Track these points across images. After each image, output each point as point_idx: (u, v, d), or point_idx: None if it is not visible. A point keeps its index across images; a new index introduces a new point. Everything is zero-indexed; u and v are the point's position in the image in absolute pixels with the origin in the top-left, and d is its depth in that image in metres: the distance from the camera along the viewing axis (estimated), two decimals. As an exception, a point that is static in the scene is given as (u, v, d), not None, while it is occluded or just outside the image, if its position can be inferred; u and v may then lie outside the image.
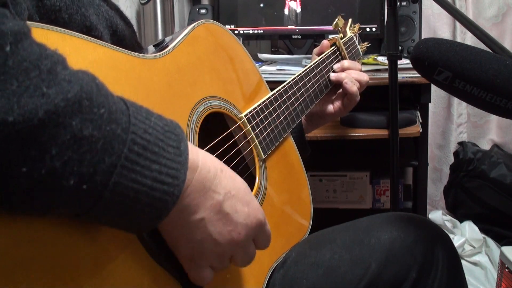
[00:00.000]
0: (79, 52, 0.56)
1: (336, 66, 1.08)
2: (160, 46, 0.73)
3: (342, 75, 1.07)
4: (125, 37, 0.74)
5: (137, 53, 0.65)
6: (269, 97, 0.88)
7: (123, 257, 0.53)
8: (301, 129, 1.10)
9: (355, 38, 1.21)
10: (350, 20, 1.23)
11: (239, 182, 0.59)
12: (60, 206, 0.44)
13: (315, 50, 1.14)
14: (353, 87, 1.05)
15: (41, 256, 0.46)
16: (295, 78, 0.96)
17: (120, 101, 0.47)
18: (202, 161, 0.54)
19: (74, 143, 0.41)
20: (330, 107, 1.10)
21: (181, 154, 0.49)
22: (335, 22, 1.14)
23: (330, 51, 1.10)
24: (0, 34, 0.39)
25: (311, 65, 1.03)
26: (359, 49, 1.23)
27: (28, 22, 0.49)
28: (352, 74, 1.07)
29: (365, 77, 1.09)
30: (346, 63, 1.09)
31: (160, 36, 1.73)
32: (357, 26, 1.25)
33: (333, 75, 1.07)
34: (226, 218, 0.55)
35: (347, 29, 1.20)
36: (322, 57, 1.07)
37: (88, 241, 0.50)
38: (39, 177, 0.40)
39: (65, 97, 0.41)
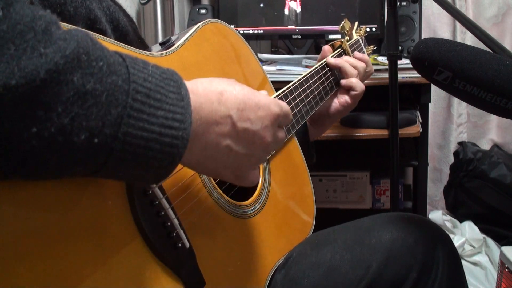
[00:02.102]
0: None
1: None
2: (166, 44, 0.73)
3: (338, 60, 1.07)
4: (128, 32, 0.75)
5: (142, 51, 0.65)
6: (275, 98, 0.88)
7: (125, 253, 0.54)
8: (306, 135, 1.10)
9: (361, 41, 1.21)
10: (356, 23, 1.23)
11: (241, 93, 0.59)
12: (75, 165, 0.44)
13: (320, 56, 1.14)
14: (352, 71, 1.06)
15: (42, 252, 0.46)
16: (300, 79, 0.96)
17: (116, 54, 0.48)
18: (204, 95, 0.55)
19: (78, 99, 0.42)
20: (333, 106, 1.09)
21: (182, 99, 0.50)
22: (341, 25, 1.14)
23: (336, 53, 1.10)
24: None
25: (317, 67, 1.03)
26: (365, 52, 1.23)
27: None
28: (350, 61, 1.08)
29: (360, 63, 1.09)
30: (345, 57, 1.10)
31: (160, 36, 1.73)
32: (363, 29, 1.25)
33: (331, 60, 1.07)
34: (246, 133, 0.58)
35: (353, 31, 1.20)
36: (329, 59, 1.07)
37: (90, 237, 0.50)
38: (50, 136, 0.41)
39: (63, 54, 0.41)
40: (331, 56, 1.08)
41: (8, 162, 0.41)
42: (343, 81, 1.07)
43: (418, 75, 0.77)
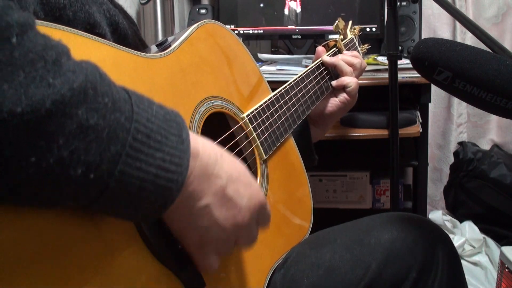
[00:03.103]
0: (83, 50, 0.56)
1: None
2: (163, 45, 0.73)
3: (334, 58, 1.07)
4: (127, 35, 0.75)
5: (140, 52, 0.65)
6: (271, 98, 0.88)
7: (125, 255, 0.54)
8: (309, 137, 1.10)
9: (355, 40, 1.22)
10: (350, 22, 1.23)
11: (239, 165, 0.59)
12: (68, 197, 0.44)
13: (314, 57, 1.14)
14: (347, 68, 1.06)
15: (43, 254, 0.46)
16: (296, 79, 0.96)
17: (122, 90, 0.48)
18: (203, 147, 0.54)
19: (80, 132, 0.42)
20: (331, 106, 1.09)
21: (183, 142, 0.50)
22: (335, 24, 1.14)
23: (331, 52, 1.10)
24: (6, 26, 0.40)
25: (313, 66, 1.03)
26: (360, 50, 1.23)
27: None
28: (346, 58, 1.08)
29: (355, 59, 1.09)
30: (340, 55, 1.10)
31: (160, 36, 1.73)
32: (357, 28, 1.26)
33: (326, 58, 1.07)
34: (230, 202, 0.56)
35: (348, 31, 1.21)
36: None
37: (90, 239, 0.50)
38: (47, 167, 0.41)
39: (71, 87, 0.41)
40: (326, 55, 1.08)
41: (2, 188, 0.41)
42: (333, 83, 1.07)
43: (418, 75, 0.77)
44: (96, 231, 0.51)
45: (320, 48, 1.11)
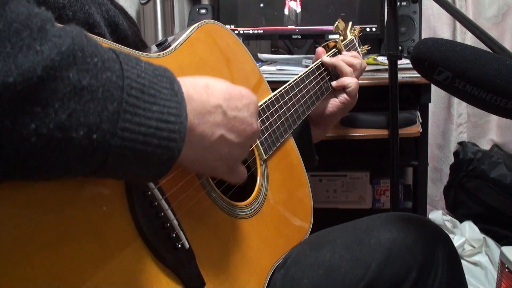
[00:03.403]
0: None
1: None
2: (162, 45, 0.73)
3: (334, 59, 1.07)
4: (127, 36, 0.75)
5: (140, 52, 0.65)
6: (271, 98, 0.88)
7: (124, 254, 0.54)
8: (309, 137, 1.10)
9: (355, 41, 1.22)
10: (350, 23, 1.23)
11: (224, 84, 0.61)
12: (75, 163, 0.44)
13: (314, 58, 1.14)
14: (347, 69, 1.06)
15: (42, 253, 0.46)
16: (296, 79, 0.96)
17: (109, 50, 0.48)
18: (193, 89, 0.56)
19: (75, 95, 0.42)
20: (331, 106, 1.09)
21: (176, 94, 0.51)
22: (335, 25, 1.14)
23: (331, 53, 1.10)
24: None
25: (313, 67, 1.03)
26: (360, 51, 1.23)
27: None
28: (346, 59, 1.08)
29: (355, 60, 1.09)
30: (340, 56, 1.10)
31: (160, 36, 1.73)
32: (357, 29, 1.26)
33: (326, 59, 1.07)
34: (235, 121, 0.60)
35: (348, 31, 1.21)
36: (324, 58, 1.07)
37: (91, 239, 0.50)
38: (48, 132, 0.41)
39: (59, 51, 0.41)
40: (326, 56, 1.08)
41: (8, 162, 0.41)
42: (333, 83, 1.07)
43: (418, 75, 0.77)
44: (95, 229, 0.51)
45: (320, 49, 1.11)
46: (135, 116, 0.46)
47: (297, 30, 1.75)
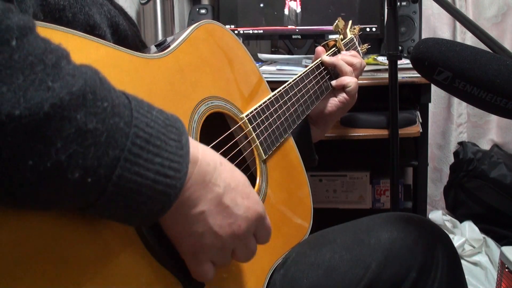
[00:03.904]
0: (82, 51, 0.56)
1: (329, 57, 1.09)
2: (162, 46, 0.73)
3: (333, 58, 1.07)
4: (127, 36, 0.75)
5: (139, 53, 0.65)
6: (270, 98, 0.88)
7: (124, 255, 0.54)
8: (309, 137, 1.09)
9: (355, 40, 1.22)
10: (350, 22, 1.23)
11: (238, 175, 0.59)
12: (65, 200, 0.44)
13: (314, 57, 1.14)
14: (347, 68, 1.06)
15: (42, 255, 0.46)
16: (296, 79, 0.96)
17: (122, 95, 0.48)
18: (202, 154, 0.54)
19: (78, 136, 0.42)
20: (331, 106, 1.09)
21: (182, 148, 0.50)
22: (335, 24, 1.14)
23: (331, 52, 1.10)
24: (6, 29, 0.40)
25: (312, 66, 1.03)
26: (359, 50, 1.23)
27: None
28: (346, 58, 1.08)
29: (355, 59, 1.09)
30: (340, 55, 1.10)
31: (160, 36, 1.73)
32: (357, 27, 1.26)
33: (326, 58, 1.07)
34: (226, 211, 0.56)
35: (348, 30, 1.21)
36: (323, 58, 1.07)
37: (90, 240, 0.50)
38: (44, 170, 0.41)
39: (70, 91, 0.41)
40: (326, 55, 1.08)
41: None
42: (333, 82, 1.07)
43: (418, 75, 0.77)
44: (95, 232, 0.51)
45: (319, 48, 1.11)
46: (134, 165, 0.46)
47: (297, 30, 1.75)
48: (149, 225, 0.52)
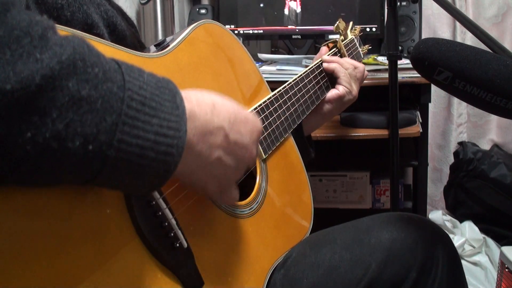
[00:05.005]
0: None
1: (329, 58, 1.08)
2: (161, 45, 0.73)
3: (333, 65, 1.06)
4: (125, 36, 0.74)
5: (138, 52, 0.65)
6: (270, 98, 0.88)
7: (123, 254, 0.54)
8: (301, 132, 1.09)
9: (356, 41, 1.22)
10: (351, 23, 1.23)
11: (231, 106, 0.60)
12: (69, 172, 0.44)
13: (317, 56, 1.14)
14: (341, 72, 1.06)
15: (41, 252, 0.46)
16: (296, 78, 0.96)
17: (112, 61, 0.47)
18: (197, 105, 0.55)
19: (73, 104, 0.42)
20: (327, 105, 1.08)
21: (178, 107, 0.50)
22: (336, 25, 1.14)
23: (331, 52, 1.10)
24: None
25: (312, 66, 1.03)
26: (360, 51, 1.23)
27: None
28: (344, 65, 1.07)
29: (349, 65, 1.08)
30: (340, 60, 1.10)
31: (160, 36, 1.73)
32: (358, 28, 1.26)
33: (325, 65, 1.06)
34: (236, 145, 0.59)
35: (348, 31, 1.21)
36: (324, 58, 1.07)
37: (89, 238, 0.50)
38: (44, 141, 0.41)
39: (59, 60, 0.41)
40: (327, 55, 1.08)
41: (2, 167, 0.41)
42: (328, 95, 1.07)
43: (418, 75, 0.77)
44: (93, 229, 0.51)
45: (324, 48, 1.11)
46: (133, 128, 0.46)
47: (297, 30, 1.75)
48: (159, 188, 0.52)
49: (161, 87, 0.50)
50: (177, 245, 0.61)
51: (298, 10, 1.74)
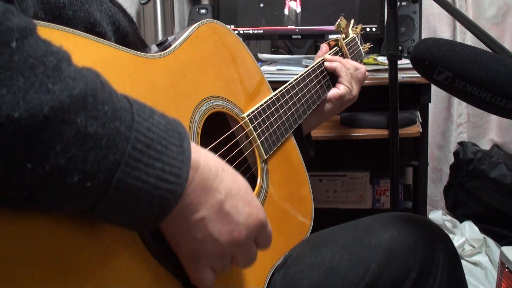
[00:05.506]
0: (82, 50, 0.56)
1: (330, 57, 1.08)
2: (163, 45, 0.73)
3: (335, 64, 1.06)
4: (128, 34, 0.74)
5: (140, 52, 0.65)
6: (272, 97, 0.88)
7: (125, 256, 0.54)
8: (300, 131, 1.09)
9: (357, 39, 1.22)
10: (352, 21, 1.23)
11: (240, 181, 0.58)
12: (64, 204, 0.44)
13: (318, 53, 1.14)
14: (344, 72, 1.06)
15: (43, 255, 0.46)
16: (297, 78, 0.96)
17: (124, 99, 0.47)
18: (204, 159, 0.53)
19: (78, 140, 0.41)
20: (328, 104, 1.08)
21: (183, 153, 0.49)
22: (337, 23, 1.14)
23: (333, 51, 1.10)
24: (7, 30, 0.39)
25: (314, 66, 1.03)
26: (361, 49, 1.23)
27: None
28: (346, 65, 1.08)
29: (351, 66, 1.08)
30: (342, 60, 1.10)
31: (160, 36, 1.73)
32: (359, 27, 1.26)
33: (327, 64, 1.06)
34: (227, 218, 0.55)
35: (349, 29, 1.21)
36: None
37: (91, 240, 0.50)
38: (43, 174, 0.40)
39: (70, 93, 0.41)
40: (328, 54, 1.08)
41: None
42: (328, 95, 1.07)
43: (418, 75, 0.77)
44: (96, 232, 0.51)
45: (324, 46, 1.11)
46: (135, 170, 0.45)
47: (297, 30, 1.75)
48: (149, 230, 0.51)
49: (170, 130, 0.50)
50: None
51: (298, 10, 1.74)
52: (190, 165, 0.50)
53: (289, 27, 1.75)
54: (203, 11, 1.84)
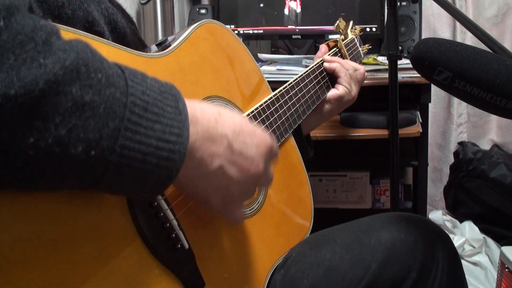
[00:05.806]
0: None
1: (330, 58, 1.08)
2: (162, 45, 0.73)
3: (334, 65, 1.06)
4: (126, 34, 0.75)
5: (140, 52, 0.65)
6: (271, 97, 0.88)
7: (125, 255, 0.54)
8: (300, 132, 1.09)
9: (356, 40, 1.22)
10: (351, 22, 1.23)
11: (238, 118, 0.59)
12: (72, 177, 0.44)
13: (318, 54, 1.14)
14: (345, 76, 1.06)
15: (43, 253, 0.46)
16: (296, 78, 0.96)
17: (115, 66, 0.48)
18: (201, 112, 0.54)
19: (76, 110, 0.42)
20: (327, 104, 1.08)
21: (180, 113, 0.50)
22: (336, 24, 1.14)
23: (332, 52, 1.10)
24: None
25: (313, 66, 1.03)
26: (360, 51, 1.23)
27: None
28: (345, 65, 1.07)
29: (350, 66, 1.08)
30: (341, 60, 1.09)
31: (160, 36, 1.73)
32: (358, 28, 1.26)
33: (326, 64, 1.06)
34: (240, 156, 0.57)
35: (349, 31, 1.21)
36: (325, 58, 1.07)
37: (91, 238, 0.50)
38: (47, 147, 0.41)
39: (62, 65, 0.41)
40: (328, 55, 1.08)
41: (3, 172, 0.41)
42: (328, 95, 1.07)
43: (418, 75, 0.77)
44: (95, 230, 0.51)
45: (323, 47, 1.11)
46: (136, 134, 0.46)
47: (297, 30, 1.75)
48: (161, 193, 0.51)
49: (164, 92, 0.50)
50: (179, 246, 0.61)
51: (298, 10, 1.74)
52: (189, 124, 0.51)
53: (289, 27, 1.75)
54: (203, 11, 1.84)
